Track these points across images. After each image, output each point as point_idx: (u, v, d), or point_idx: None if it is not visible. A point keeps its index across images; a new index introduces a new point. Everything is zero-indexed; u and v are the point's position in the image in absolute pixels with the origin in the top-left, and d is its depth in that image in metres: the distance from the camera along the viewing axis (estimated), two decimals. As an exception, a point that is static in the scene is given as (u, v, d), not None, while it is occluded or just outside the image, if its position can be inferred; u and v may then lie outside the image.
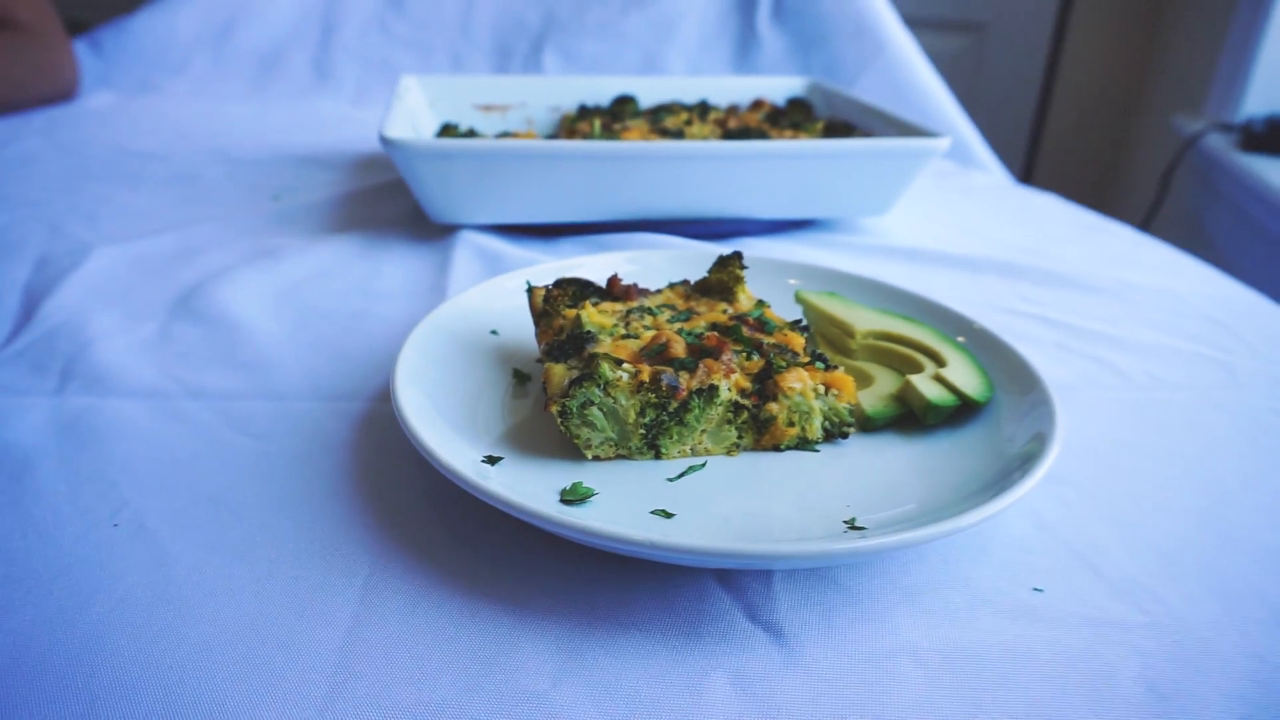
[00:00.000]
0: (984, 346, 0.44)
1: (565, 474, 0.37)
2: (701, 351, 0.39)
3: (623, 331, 0.40)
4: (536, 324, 0.43)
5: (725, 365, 0.38)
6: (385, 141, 0.61)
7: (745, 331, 0.41)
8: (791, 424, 0.39)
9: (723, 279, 0.46)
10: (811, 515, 0.35)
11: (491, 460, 0.36)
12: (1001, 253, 0.70)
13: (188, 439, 0.42)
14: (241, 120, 1.03)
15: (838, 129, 0.78)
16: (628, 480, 0.37)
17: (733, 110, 0.86)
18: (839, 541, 0.31)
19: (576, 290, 0.44)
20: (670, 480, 0.36)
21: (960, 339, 0.45)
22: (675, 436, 0.37)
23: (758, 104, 0.88)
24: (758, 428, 0.39)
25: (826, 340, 0.47)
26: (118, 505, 0.37)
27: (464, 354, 0.45)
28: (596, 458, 0.38)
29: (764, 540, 0.32)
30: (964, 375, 0.41)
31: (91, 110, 1.02)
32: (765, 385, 0.39)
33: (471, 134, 0.75)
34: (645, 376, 0.36)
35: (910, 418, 0.40)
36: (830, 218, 0.72)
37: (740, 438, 0.39)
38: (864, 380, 0.43)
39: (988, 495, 0.34)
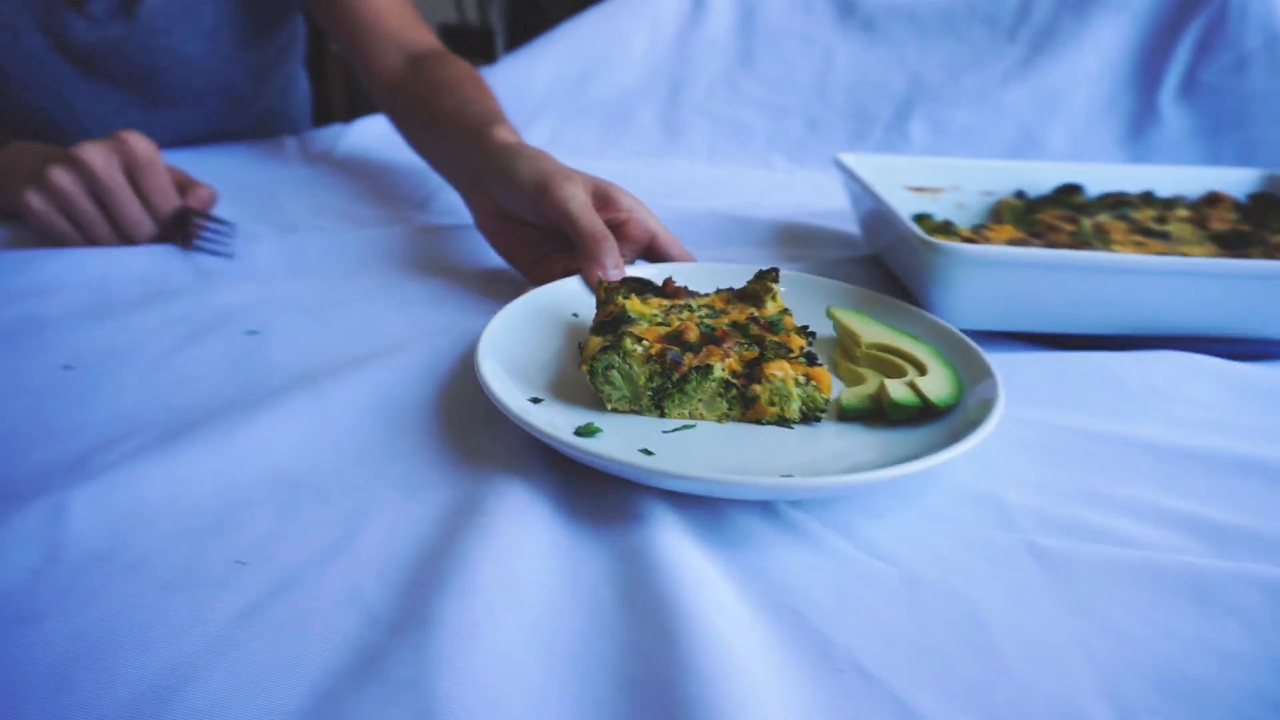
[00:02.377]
0: (971, 364, 0.52)
1: (587, 417, 0.48)
2: (710, 339, 0.50)
3: (660, 320, 0.52)
4: (597, 309, 0.54)
5: (724, 351, 0.49)
6: (926, 243, 0.56)
7: (753, 329, 0.51)
8: (772, 404, 0.48)
9: (756, 288, 0.55)
10: (762, 467, 0.44)
11: (535, 400, 0.49)
12: None
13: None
14: (617, 178, 1.03)
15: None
16: (632, 429, 0.48)
17: (1196, 205, 0.77)
18: (740, 475, 0.41)
19: (636, 285, 0.56)
20: (664, 433, 0.48)
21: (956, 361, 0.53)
22: (676, 401, 0.49)
23: (1214, 198, 0.78)
24: (744, 403, 0.49)
25: (842, 349, 0.57)
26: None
27: (543, 328, 0.57)
28: (615, 410, 0.49)
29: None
30: (936, 384, 0.49)
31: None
32: (754, 370, 0.48)
33: (947, 227, 0.70)
34: (655, 351, 0.48)
35: (885, 414, 0.49)
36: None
37: (730, 409, 0.49)
38: (856, 380, 0.52)
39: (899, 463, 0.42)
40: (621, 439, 0.46)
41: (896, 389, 0.48)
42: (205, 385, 0.52)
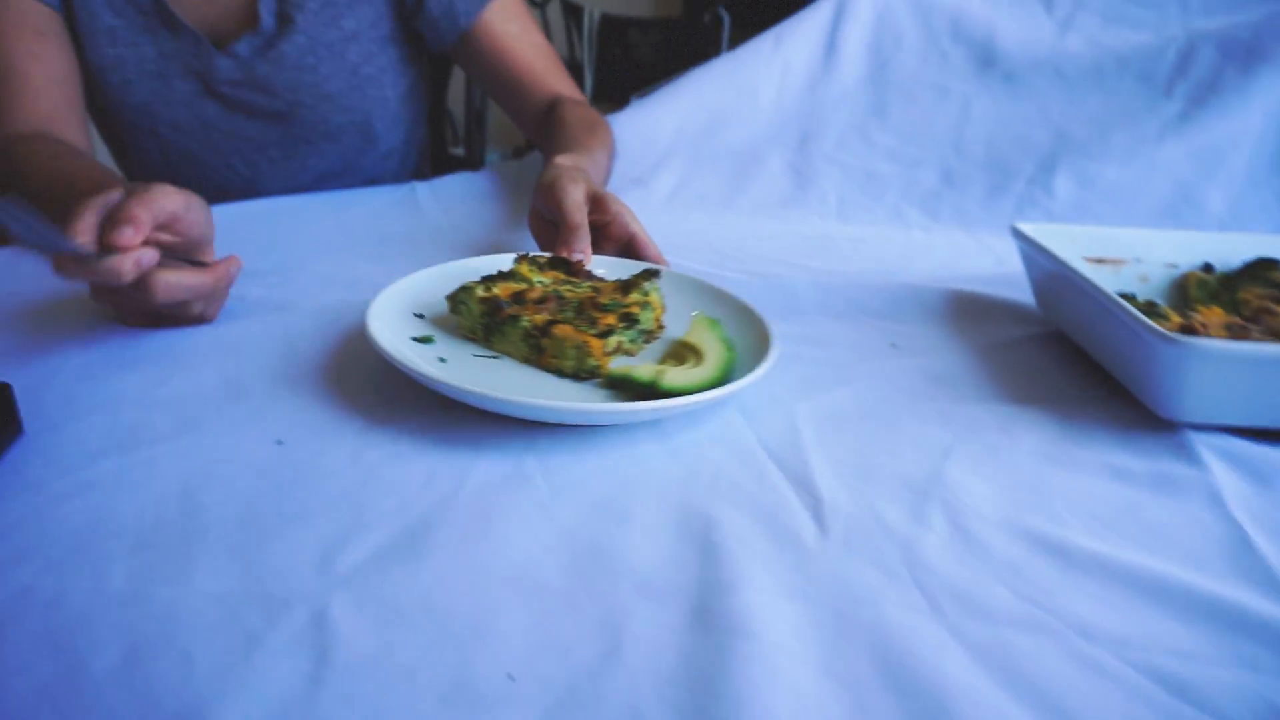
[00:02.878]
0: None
1: (449, 343, 0.63)
2: (541, 301, 0.62)
3: (542, 286, 0.66)
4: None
5: (540, 310, 0.61)
6: (1164, 336, 0.53)
7: (586, 304, 0.62)
8: (554, 356, 0.59)
9: (633, 282, 0.66)
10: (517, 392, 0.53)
11: (422, 340, 0.63)
12: None
13: None
14: (745, 229, 1.02)
15: None
16: (460, 350, 0.62)
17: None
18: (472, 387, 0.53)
19: (556, 263, 0.69)
20: (474, 355, 0.62)
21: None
22: (496, 337, 0.62)
23: None
24: (537, 350, 0.60)
25: (688, 341, 0.63)
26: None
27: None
28: (462, 335, 0.64)
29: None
30: (682, 376, 0.57)
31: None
32: (548, 329, 0.59)
33: (1152, 308, 0.67)
34: (487, 296, 0.62)
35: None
36: None
37: (529, 354, 0.60)
38: (670, 361, 0.62)
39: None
40: (445, 353, 0.61)
41: (644, 370, 0.57)
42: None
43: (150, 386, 0.59)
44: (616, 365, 0.60)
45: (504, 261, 0.69)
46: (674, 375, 0.57)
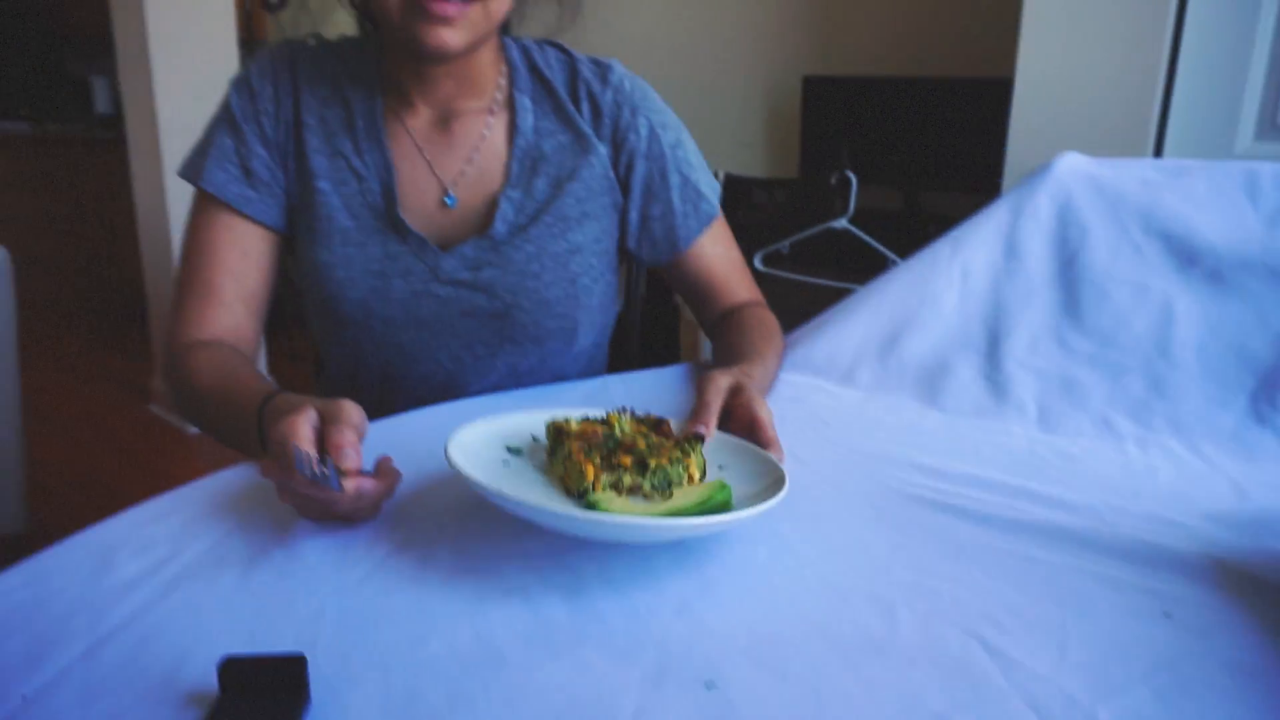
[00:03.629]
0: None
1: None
2: (590, 438, 0.75)
3: (623, 434, 0.77)
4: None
5: (584, 441, 0.75)
6: None
7: (620, 445, 0.73)
8: (565, 475, 0.73)
9: (678, 440, 0.76)
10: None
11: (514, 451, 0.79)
12: None
13: None
14: (941, 439, 0.97)
15: None
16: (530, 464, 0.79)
17: None
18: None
19: (648, 419, 0.81)
20: (533, 468, 0.79)
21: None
22: (553, 460, 0.77)
23: None
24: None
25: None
26: None
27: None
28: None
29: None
30: (623, 503, 0.69)
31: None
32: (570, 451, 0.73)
33: None
34: (553, 422, 0.79)
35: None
36: None
37: (562, 475, 0.74)
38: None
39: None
40: (519, 462, 0.77)
41: (606, 496, 0.69)
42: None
43: (411, 646, 0.59)
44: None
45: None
46: (617, 501, 0.68)
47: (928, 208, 2.93)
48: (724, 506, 0.70)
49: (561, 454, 0.73)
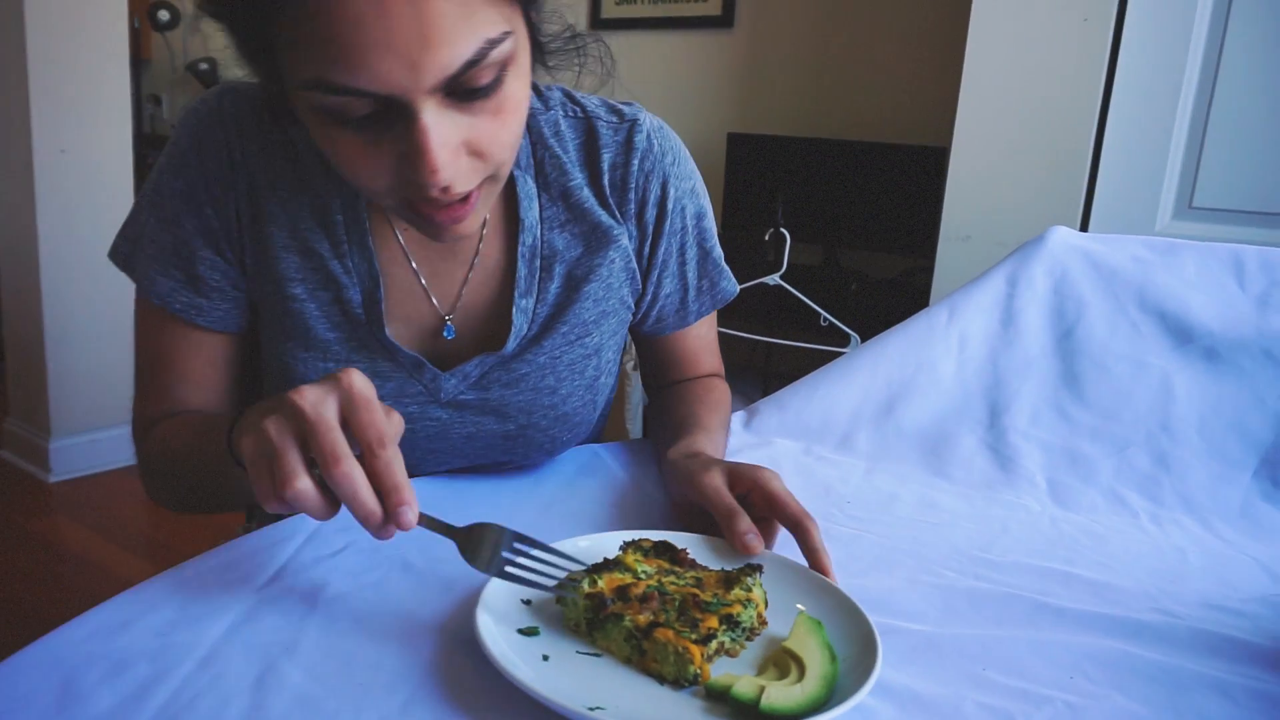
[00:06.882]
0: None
1: (555, 635, 0.63)
2: (643, 599, 0.62)
3: (647, 577, 0.66)
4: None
5: (643, 609, 0.61)
6: None
7: (689, 604, 0.62)
8: (655, 661, 0.58)
9: (735, 575, 0.66)
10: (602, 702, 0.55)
11: (527, 632, 0.63)
12: None
13: None
14: (959, 516, 0.92)
15: None
16: (565, 644, 0.62)
17: None
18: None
19: (657, 548, 0.70)
20: (578, 653, 0.61)
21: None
22: (599, 634, 0.61)
23: None
24: (640, 652, 0.59)
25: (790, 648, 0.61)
26: None
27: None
28: (566, 628, 0.63)
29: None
30: (784, 694, 0.55)
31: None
32: (650, 630, 0.58)
33: None
34: (591, 592, 0.62)
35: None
36: None
37: (630, 655, 0.60)
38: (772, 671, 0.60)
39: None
40: (550, 645, 0.61)
41: (745, 685, 0.55)
42: None
43: None
44: (717, 670, 0.60)
45: (609, 545, 0.71)
46: (776, 693, 0.55)
47: (845, 264, 2.98)
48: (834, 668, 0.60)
49: (619, 628, 0.60)
